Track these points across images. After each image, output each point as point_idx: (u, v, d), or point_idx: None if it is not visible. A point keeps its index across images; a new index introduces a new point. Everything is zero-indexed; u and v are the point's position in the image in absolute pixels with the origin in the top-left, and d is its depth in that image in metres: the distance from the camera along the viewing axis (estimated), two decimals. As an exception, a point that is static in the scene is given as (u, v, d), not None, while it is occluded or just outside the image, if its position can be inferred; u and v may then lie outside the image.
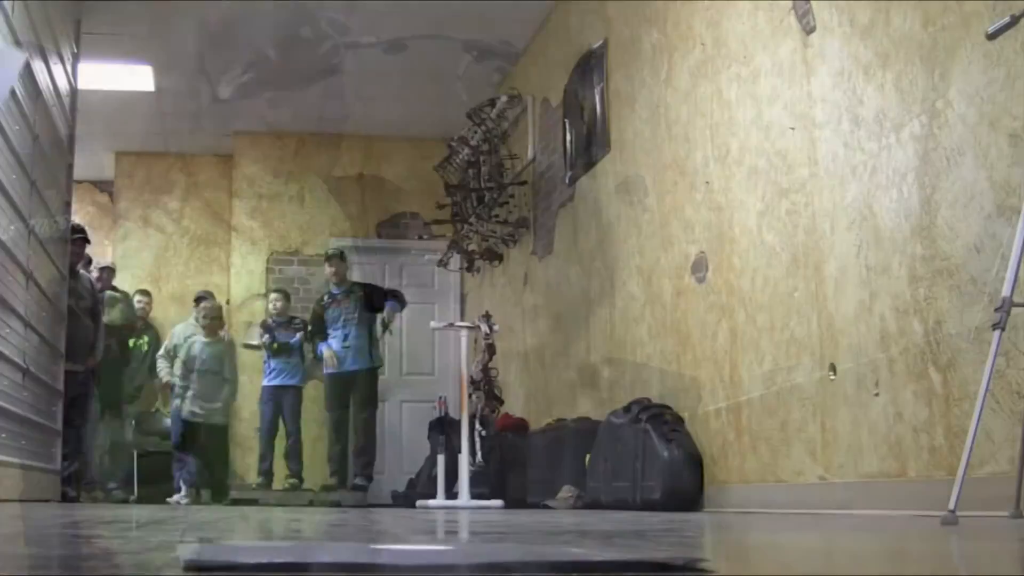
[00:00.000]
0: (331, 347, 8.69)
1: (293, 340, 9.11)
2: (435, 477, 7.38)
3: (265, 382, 9.17)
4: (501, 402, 7.71)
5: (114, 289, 9.60)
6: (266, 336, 9.14)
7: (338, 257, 8.74)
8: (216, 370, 8.81)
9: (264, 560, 1.01)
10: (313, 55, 8.59)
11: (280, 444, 9.07)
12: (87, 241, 8.24)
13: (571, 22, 7.39)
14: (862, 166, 3.97)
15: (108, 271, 9.60)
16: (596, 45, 6.81)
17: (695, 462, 5.14)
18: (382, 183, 10.48)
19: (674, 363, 5.54)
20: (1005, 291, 2.89)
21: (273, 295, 9.41)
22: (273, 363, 9.12)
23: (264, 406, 9.09)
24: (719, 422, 5.03)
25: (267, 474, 8.94)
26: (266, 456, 8.98)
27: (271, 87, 9.28)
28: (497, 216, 8.62)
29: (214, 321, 8.90)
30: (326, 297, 8.81)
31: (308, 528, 2.74)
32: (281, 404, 9.02)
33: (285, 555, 1.12)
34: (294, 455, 8.94)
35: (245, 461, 9.86)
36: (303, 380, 9.21)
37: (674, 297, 5.56)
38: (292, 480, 8.86)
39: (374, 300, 8.62)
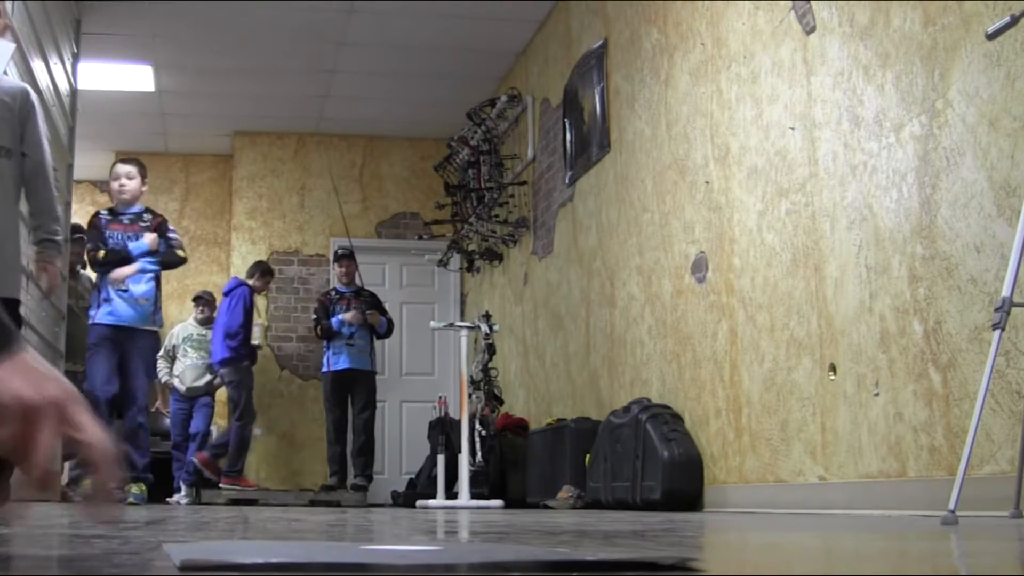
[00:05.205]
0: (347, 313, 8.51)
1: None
2: (435, 477, 7.38)
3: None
4: (501, 402, 7.71)
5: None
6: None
7: (348, 257, 8.73)
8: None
9: (260, 560, 1.00)
10: (313, 54, 8.59)
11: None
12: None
13: (571, 22, 7.39)
14: (862, 166, 3.97)
15: None
16: (596, 45, 6.81)
17: (695, 462, 5.15)
18: (382, 183, 10.48)
19: (674, 363, 5.54)
20: (1005, 291, 2.89)
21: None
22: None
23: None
24: (719, 422, 5.03)
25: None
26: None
27: (271, 86, 9.28)
28: (497, 216, 8.62)
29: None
30: (333, 293, 8.80)
31: (307, 528, 2.73)
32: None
33: (281, 555, 1.12)
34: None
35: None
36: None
37: (674, 297, 5.56)
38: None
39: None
